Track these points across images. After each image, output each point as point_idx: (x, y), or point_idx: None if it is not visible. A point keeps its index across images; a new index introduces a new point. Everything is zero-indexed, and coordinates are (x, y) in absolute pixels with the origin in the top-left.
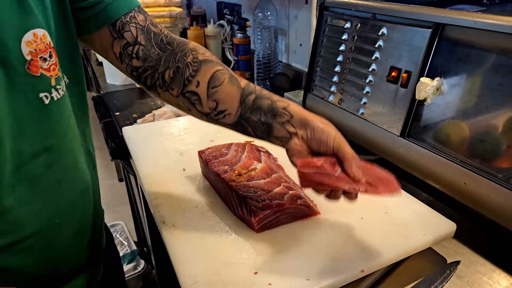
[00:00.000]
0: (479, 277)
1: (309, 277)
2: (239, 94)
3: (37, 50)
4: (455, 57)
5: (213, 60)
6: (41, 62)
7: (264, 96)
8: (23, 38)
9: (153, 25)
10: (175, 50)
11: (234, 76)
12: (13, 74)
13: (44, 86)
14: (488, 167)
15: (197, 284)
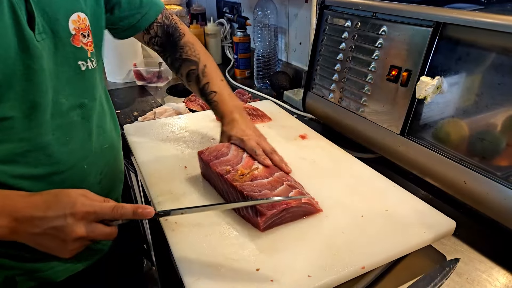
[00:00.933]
0: (478, 275)
1: (311, 274)
2: (199, 93)
3: (79, 28)
4: (455, 56)
5: (190, 59)
6: (81, 38)
7: (212, 99)
8: (70, 17)
9: (167, 19)
10: (173, 43)
11: (199, 76)
12: (60, 43)
13: (82, 56)
14: (487, 165)
15: (199, 280)
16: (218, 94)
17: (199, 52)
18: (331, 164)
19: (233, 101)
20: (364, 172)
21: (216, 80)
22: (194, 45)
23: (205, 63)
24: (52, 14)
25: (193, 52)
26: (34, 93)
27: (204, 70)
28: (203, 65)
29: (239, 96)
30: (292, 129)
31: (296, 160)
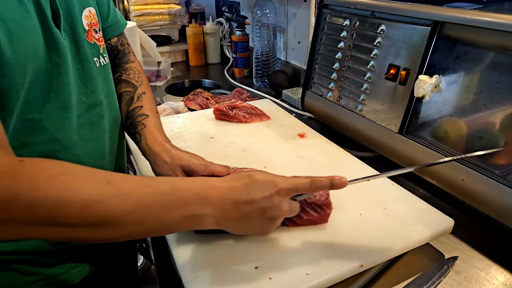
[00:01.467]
0: (476, 273)
1: (309, 272)
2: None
3: (92, 23)
4: (453, 54)
5: (129, 82)
6: (94, 33)
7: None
8: (83, 12)
9: (121, 45)
10: (116, 65)
11: (133, 98)
12: (79, 40)
13: (96, 52)
14: (485, 163)
15: (198, 278)
16: (149, 119)
17: (143, 81)
18: (330, 163)
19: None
20: (363, 170)
21: (150, 107)
22: (140, 73)
23: (144, 91)
24: (69, 10)
25: (136, 77)
26: (63, 93)
27: (141, 95)
28: (142, 91)
29: (237, 95)
30: (291, 128)
31: (295, 159)
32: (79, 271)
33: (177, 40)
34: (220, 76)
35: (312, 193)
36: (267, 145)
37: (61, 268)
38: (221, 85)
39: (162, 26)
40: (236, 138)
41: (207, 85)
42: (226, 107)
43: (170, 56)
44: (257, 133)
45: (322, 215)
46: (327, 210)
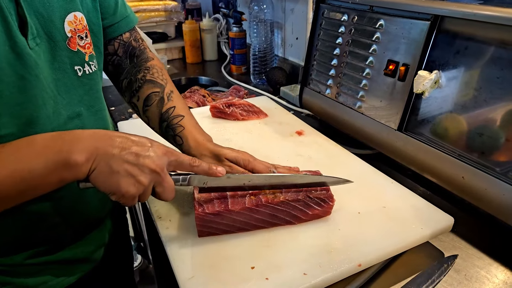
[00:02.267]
0: (476, 271)
1: (306, 272)
2: (158, 118)
3: (76, 29)
4: (453, 49)
5: (155, 81)
6: (78, 40)
7: (178, 123)
8: (66, 18)
9: (134, 41)
10: (136, 64)
11: (164, 99)
12: (56, 48)
13: (79, 60)
14: (486, 161)
15: (194, 278)
16: (186, 119)
17: (167, 78)
18: (328, 161)
19: (202, 131)
20: (362, 168)
21: (183, 106)
22: (162, 70)
23: (172, 89)
24: (47, 16)
25: (160, 76)
26: (30, 107)
27: (170, 94)
28: (169, 90)
29: (235, 92)
30: (289, 125)
31: (293, 156)
32: (58, 283)
33: (173, 37)
34: (217, 73)
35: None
36: (264, 143)
37: (36, 280)
38: (218, 82)
39: (158, 23)
40: (233, 136)
41: (204, 83)
42: (223, 105)
43: (166, 53)
44: (255, 130)
45: (325, 208)
46: (330, 203)
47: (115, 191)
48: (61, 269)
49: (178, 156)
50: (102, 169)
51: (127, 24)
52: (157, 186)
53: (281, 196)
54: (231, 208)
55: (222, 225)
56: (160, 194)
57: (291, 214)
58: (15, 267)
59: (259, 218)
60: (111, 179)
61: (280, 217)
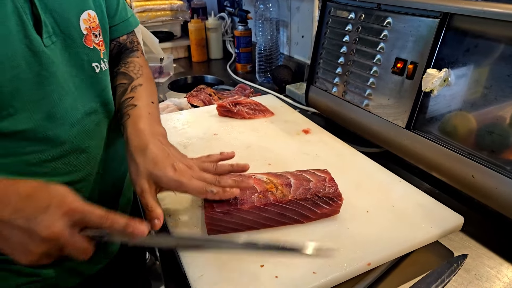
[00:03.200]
0: (487, 271)
1: (316, 270)
2: (117, 109)
3: (91, 27)
4: (462, 47)
5: (127, 74)
6: (93, 37)
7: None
8: (81, 16)
9: (130, 42)
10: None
11: (127, 90)
12: (74, 45)
13: (96, 57)
14: (496, 159)
15: (204, 276)
16: (138, 108)
17: (143, 73)
18: (335, 159)
19: (153, 125)
20: (369, 166)
21: (143, 98)
22: (142, 67)
23: (141, 83)
24: (62, 14)
25: (135, 70)
26: (47, 103)
27: (136, 87)
28: (138, 83)
29: (240, 91)
30: (295, 124)
31: (299, 155)
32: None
33: (179, 36)
34: (223, 71)
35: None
36: (271, 141)
37: (56, 270)
38: (224, 81)
39: (164, 22)
40: (240, 134)
41: (210, 81)
42: (230, 103)
43: (172, 52)
44: (261, 129)
45: (334, 207)
46: (338, 202)
47: (10, 256)
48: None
49: (85, 214)
50: None
51: (125, 28)
52: (64, 250)
53: (290, 195)
54: (240, 207)
55: (231, 223)
56: (72, 256)
57: (300, 213)
58: None
59: (267, 217)
60: (2, 244)
61: (288, 216)
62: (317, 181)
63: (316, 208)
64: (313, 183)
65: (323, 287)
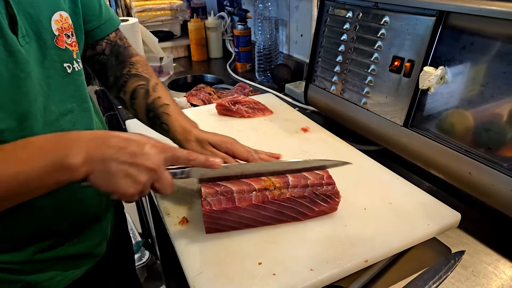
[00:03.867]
0: (484, 267)
1: (313, 267)
2: (145, 109)
3: (63, 28)
4: (459, 45)
5: (140, 75)
6: (65, 38)
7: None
8: (52, 17)
9: (120, 39)
10: (121, 60)
11: (149, 91)
12: (45, 46)
13: (68, 57)
14: (493, 156)
15: (202, 274)
16: (171, 107)
17: (151, 72)
18: (334, 157)
19: (188, 118)
20: (367, 164)
21: (168, 97)
22: (146, 65)
23: (156, 82)
24: (35, 15)
25: (145, 70)
26: (23, 102)
27: (155, 86)
28: (154, 82)
29: (240, 89)
30: (294, 122)
31: (298, 153)
32: (65, 278)
33: (179, 36)
34: (223, 70)
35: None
36: (270, 139)
37: (44, 275)
38: (224, 80)
39: (164, 22)
40: (239, 133)
41: (210, 80)
42: (229, 102)
43: (172, 52)
44: (260, 128)
45: (332, 204)
46: (336, 199)
47: (115, 191)
48: (66, 264)
49: (175, 152)
50: (100, 171)
51: (112, 25)
52: (155, 183)
53: (288, 193)
54: (238, 205)
55: (230, 221)
56: (159, 189)
57: (298, 210)
58: (23, 264)
59: (265, 214)
60: (109, 181)
61: (286, 214)
62: (314, 179)
63: (313, 205)
64: (311, 181)
65: (320, 284)
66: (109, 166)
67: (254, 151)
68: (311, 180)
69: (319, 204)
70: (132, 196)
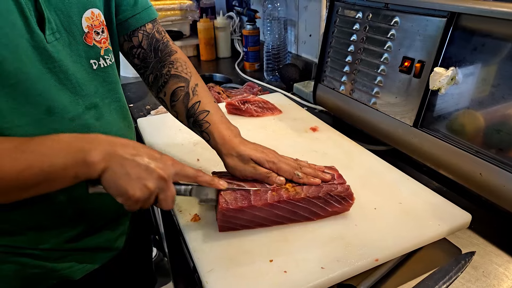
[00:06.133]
0: (494, 268)
1: (324, 266)
2: (185, 114)
3: (93, 25)
4: (470, 46)
5: (180, 76)
6: (94, 35)
7: (203, 120)
8: (84, 14)
9: (158, 33)
10: (161, 59)
11: (189, 93)
12: (74, 42)
13: (94, 54)
14: (504, 157)
15: (213, 271)
16: (211, 114)
17: (191, 71)
18: (343, 157)
19: (228, 125)
20: (377, 164)
21: (208, 100)
22: (186, 63)
23: (196, 82)
24: (66, 12)
25: (184, 69)
26: (48, 97)
27: (195, 88)
28: (194, 83)
29: (249, 89)
30: (303, 122)
31: (308, 152)
32: (82, 268)
33: (188, 35)
34: (231, 70)
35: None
36: (279, 139)
37: (64, 264)
38: (232, 79)
39: (174, 22)
40: (249, 132)
41: (218, 80)
42: (238, 102)
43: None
44: (269, 127)
45: (345, 206)
46: (350, 201)
47: (123, 193)
48: (85, 255)
49: (184, 168)
50: (115, 170)
51: (149, 15)
52: (160, 194)
53: (303, 193)
54: (253, 203)
55: (243, 220)
56: (161, 201)
57: (311, 210)
58: (45, 251)
59: (279, 214)
60: (120, 180)
61: (299, 214)
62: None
63: (327, 206)
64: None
65: (331, 282)
66: (124, 166)
67: (299, 166)
68: None
69: (332, 205)
70: (137, 201)
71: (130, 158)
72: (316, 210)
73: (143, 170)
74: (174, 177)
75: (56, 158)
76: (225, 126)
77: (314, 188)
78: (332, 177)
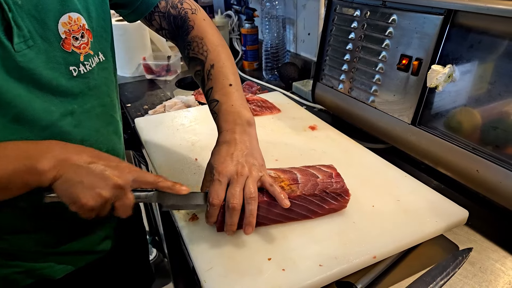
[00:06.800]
0: (491, 264)
1: (322, 263)
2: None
3: (71, 30)
4: (467, 43)
5: (197, 58)
6: (73, 41)
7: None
8: (60, 19)
9: (172, 8)
10: (181, 38)
11: (204, 79)
12: (50, 49)
13: (73, 60)
14: (500, 154)
15: (212, 269)
16: (220, 104)
17: (208, 48)
18: (342, 155)
19: (234, 116)
20: (375, 162)
21: (220, 85)
22: (203, 40)
23: (212, 63)
24: (40, 18)
25: (200, 49)
26: (16, 106)
27: (210, 72)
28: (209, 65)
29: (247, 88)
30: (302, 120)
31: (306, 151)
32: (63, 268)
33: None
34: None
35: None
36: (278, 138)
37: (43, 263)
38: None
39: None
40: None
41: None
42: None
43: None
44: (268, 126)
45: (341, 202)
46: (346, 197)
47: (75, 201)
48: (67, 257)
49: (143, 174)
50: (67, 178)
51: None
52: (116, 201)
53: (298, 191)
54: None
55: (241, 219)
56: (118, 209)
57: (308, 208)
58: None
59: (277, 212)
60: (73, 188)
61: (297, 212)
62: (324, 177)
63: (324, 203)
64: (320, 179)
65: (329, 280)
66: (79, 172)
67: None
68: (321, 179)
69: (329, 202)
70: (91, 209)
71: (84, 166)
72: (313, 208)
73: (98, 178)
74: (133, 184)
75: (6, 165)
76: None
77: (310, 185)
78: (330, 175)
